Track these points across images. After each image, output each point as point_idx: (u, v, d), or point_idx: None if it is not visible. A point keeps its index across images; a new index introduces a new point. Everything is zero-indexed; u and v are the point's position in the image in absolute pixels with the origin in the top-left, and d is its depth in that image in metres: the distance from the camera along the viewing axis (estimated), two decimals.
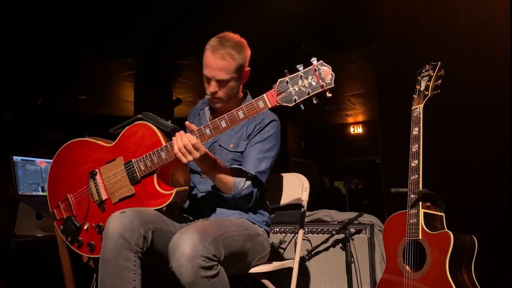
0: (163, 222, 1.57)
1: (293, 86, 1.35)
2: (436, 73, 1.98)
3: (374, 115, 8.98)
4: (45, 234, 1.98)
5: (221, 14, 3.94)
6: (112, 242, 1.41)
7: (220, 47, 1.65)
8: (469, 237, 1.86)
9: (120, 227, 1.42)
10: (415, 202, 1.90)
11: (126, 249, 1.41)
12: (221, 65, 1.65)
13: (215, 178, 1.63)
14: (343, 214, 2.77)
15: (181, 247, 1.34)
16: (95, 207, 1.62)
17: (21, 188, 2.11)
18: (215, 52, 1.66)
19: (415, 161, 1.93)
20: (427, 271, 1.80)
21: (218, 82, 1.68)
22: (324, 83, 1.32)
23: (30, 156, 2.21)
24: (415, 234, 1.86)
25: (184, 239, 1.36)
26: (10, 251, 1.85)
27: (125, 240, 1.41)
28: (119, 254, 1.41)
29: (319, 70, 1.32)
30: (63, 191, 1.67)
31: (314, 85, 1.33)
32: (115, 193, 1.59)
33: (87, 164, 1.66)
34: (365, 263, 2.49)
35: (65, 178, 1.68)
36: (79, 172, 1.66)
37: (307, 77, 1.33)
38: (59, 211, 1.67)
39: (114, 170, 1.61)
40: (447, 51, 2.60)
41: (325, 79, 1.32)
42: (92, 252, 1.59)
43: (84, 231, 1.61)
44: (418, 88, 2.02)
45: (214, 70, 1.66)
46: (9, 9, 3.89)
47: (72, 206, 1.65)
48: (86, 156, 1.67)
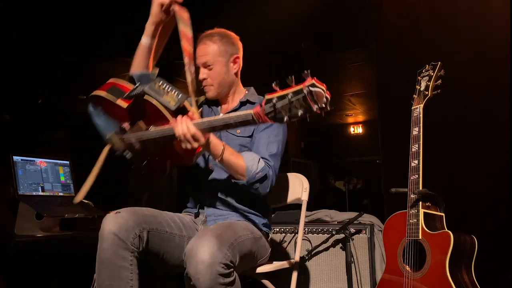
0: (158, 223, 1.57)
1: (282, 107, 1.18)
2: (436, 73, 1.98)
3: (374, 115, 8.97)
4: (45, 234, 1.98)
5: (221, 14, 3.94)
6: (108, 243, 1.42)
7: (204, 36, 1.81)
8: (469, 237, 1.86)
9: (115, 227, 1.43)
10: (415, 202, 1.90)
11: (122, 249, 1.42)
12: (205, 50, 1.78)
13: (225, 164, 1.60)
14: (343, 214, 2.77)
15: (199, 254, 1.32)
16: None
17: (21, 188, 2.11)
18: (199, 43, 1.80)
19: (415, 161, 1.93)
20: (427, 271, 1.80)
21: (205, 67, 1.79)
22: (316, 106, 1.14)
23: (30, 156, 2.21)
24: (415, 234, 1.86)
25: (202, 245, 1.34)
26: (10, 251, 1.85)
27: (120, 240, 1.42)
28: (116, 254, 1.42)
29: (311, 93, 1.13)
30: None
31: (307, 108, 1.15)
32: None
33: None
34: (365, 263, 2.49)
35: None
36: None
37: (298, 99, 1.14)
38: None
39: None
40: (447, 51, 2.59)
41: (319, 102, 1.14)
42: None
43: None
44: (418, 88, 2.03)
45: (200, 57, 1.79)
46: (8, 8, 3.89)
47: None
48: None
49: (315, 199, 2.75)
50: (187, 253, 1.37)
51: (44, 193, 2.21)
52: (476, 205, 2.42)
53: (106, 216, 1.47)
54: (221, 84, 1.81)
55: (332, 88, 1.31)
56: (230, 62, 1.81)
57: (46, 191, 2.23)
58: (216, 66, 1.78)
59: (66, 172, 2.38)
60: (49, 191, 2.25)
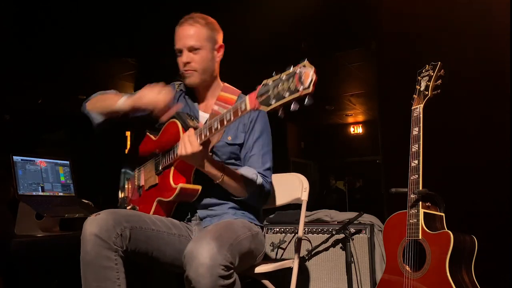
0: (142, 221, 1.55)
1: (273, 89, 1.20)
2: (436, 73, 1.98)
3: (374, 115, 8.97)
4: (45, 234, 1.98)
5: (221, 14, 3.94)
6: (90, 244, 1.41)
7: (188, 18, 1.72)
8: (469, 237, 1.86)
9: (96, 229, 1.41)
10: (415, 202, 1.90)
11: (105, 249, 1.41)
12: (191, 31, 1.69)
13: (226, 183, 1.62)
14: (343, 214, 2.77)
15: (199, 257, 1.31)
16: (136, 191, 1.81)
17: (21, 188, 2.11)
18: (183, 23, 1.71)
19: (415, 161, 1.93)
20: (427, 271, 1.80)
21: (190, 51, 1.69)
22: (302, 87, 1.13)
23: (30, 156, 2.21)
24: (415, 234, 1.86)
25: (201, 248, 1.32)
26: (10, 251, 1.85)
27: (102, 240, 1.40)
28: (99, 255, 1.40)
29: (300, 73, 1.15)
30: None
31: (292, 89, 1.15)
32: (147, 181, 1.75)
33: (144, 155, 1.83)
34: (365, 263, 2.49)
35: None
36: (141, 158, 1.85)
37: (288, 80, 1.17)
38: (122, 192, 1.92)
39: (150, 160, 1.77)
40: (447, 51, 2.59)
41: (304, 82, 1.13)
42: None
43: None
44: (418, 88, 2.03)
45: (184, 38, 1.68)
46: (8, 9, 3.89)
47: (128, 189, 1.88)
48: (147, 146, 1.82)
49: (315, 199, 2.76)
50: (186, 256, 1.35)
51: (44, 193, 2.21)
52: (476, 205, 2.42)
53: (86, 220, 1.46)
54: (205, 71, 1.73)
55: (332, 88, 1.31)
56: (214, 49, 1.75)
57: (46, 191, 2.23)
58: (202, 50, 1.70)
59: (66, 172, 2.38)
60: (49, 191, 2.25)
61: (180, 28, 1.71)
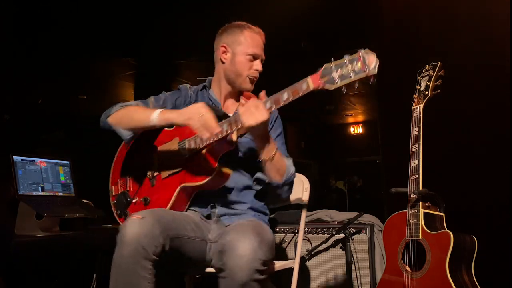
0: (182, 228, 1.53)
1: (337, 71, 1.36)
2: (436, 73, 1.98)
3: (374, 115, 8.97)
4: (45, 234, 1.98)
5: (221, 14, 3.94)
6: (129, 249, 1.34)
7: (257, 29, 1.78)
8: (469, 237, 1.87)
9: (140, 235, 1.35)
10: (415, 202, 1.90)
11: (144, 259, 1.35)
12: (263, 46, 1.78)
13: (274, 161, 1.60)
14: (343, 214, 2.78)
15: (241, 248, 1.31)
16: (147, 183, 1.74)
17: (21, 188, 2.11)
18: (259, 32, 1.77)
19: (415, 161, 1.93)
20: (427, 271, 1.80)
21: (261, 60, 1.77)
22: (368, 69, 1.31)
23: (30, 156, 2.21)
24: (415, 234, 1.86)
25: (243, 240, 1.33)
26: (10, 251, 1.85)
27: (144, 249, 1.34)
28: (137, 263, 1.34)
29: (363, 57, 1.32)
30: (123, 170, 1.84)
31: (358, 71, 1.33)
32: (165, 170, 1.71)
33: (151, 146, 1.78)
34: (365, 263, 2.49)
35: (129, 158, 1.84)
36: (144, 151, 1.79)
37: (352, 63, 1.34)
38: (117, 187, 1.83)
39: (168, 148, 1.72)
40: (447, 51, 2.59)
41: (369, 65, 1.31)
42: None
43: (133, 204, 1.72)
44: (418, 88, 2.03)
45: (261, 48, 1.76)
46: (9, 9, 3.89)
47: (128, 183, 1.79)
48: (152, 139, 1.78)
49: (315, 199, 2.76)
50: (226, 246, 1.34)
51: (44, 193, 2.21)
52: (476, 205, 2.42)
53: (129, 220, 1.39)
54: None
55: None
56: None
57: (46, 191, 2.23)
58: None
59: (66, 172, 2.38)
60: (49, 191, 2.25)
61: (258, 36, 1.77)
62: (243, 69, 1.74)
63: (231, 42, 1.76)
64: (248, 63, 1.74)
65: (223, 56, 1.77)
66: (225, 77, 1.80)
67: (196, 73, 5.72)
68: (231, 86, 1.81)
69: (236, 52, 1.74)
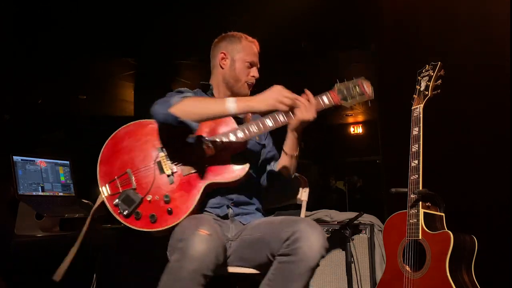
0: (225, 238, 1.63)
1: (347, 91, 1.67)
2: (436, 73, 1.98)
3: (374, 115, 8.97)
4: (45, 234, 1.98)
5: (221, 14, 3.94)
6: (194, 265, 1.36)
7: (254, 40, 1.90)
8: (469, 237, 1.87)
9: (207, 252, 1.38)
10: (415, 202, 1.90)
11: (203, 275, 1.38)
12: (258, 55, 1.89)
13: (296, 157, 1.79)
14: (343, 214, 2.78)
15: (315, 236, 1.44)
16: (163, 180, 1.68)
17: (21, 188, 2.11)
18: (255, 43, 1.89)
19: (415, 161, 1.93)
20: (427, 271, 1.80)
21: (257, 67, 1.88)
22: (368, 94, 1.67)
23: (30, 156, 2.21)
24: (415, 234, 1.86)
25: (314, 229, 1.46)
26: (10, 251, 1.85)
27: (207, 266, 1.37)
28: (196, 279, 1.37)
29: (363, 83, 1.67)
30: (120, 166, 1.71)
31: (361, 93, 1.67)
32: (186, 166, 1.68)
33: (153, 142, 1.72)
34: (365, 263, 2.49)
35: (125, 154, 1.73)
36: (145, 148, 1.72)
37: (355, 87, 1.67)
38: (113, 185, 1.68)
39: (185, 145, 1.70)
40: (447, 51, 2.59)
41: (368, 91, 1.66)
42: (153, 223, 1.61)
43: (147, 203, 1.64)
44: (418, 88, 2.03)
45: (256, 56, 1.88)
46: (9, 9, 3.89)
47: (133, 180, 1.68)
48: (152, 134, 1.74)
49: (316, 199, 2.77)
50: (300, 232, 1.44)
51: (44, 193, 2.22)
52: (476, 205, 2.42)
53: (197, 235, 1.39)
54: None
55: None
56: None
57: (46, 191, 2.23)
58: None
59: (66, 172, 2.38)
60: (49, 191, 2.25)
61: (253, 45, 1.88)
62: (241, 74, 1.85)
63: (230, 50, 1.86)
64: (246, 69, 1.85)
65: (222, 62, 1.86)
66: (224, 82, 1.87)
67: (196, 73, 5.73)
68: (229, 91, 1.88)
69: (235, 59, 1.85)
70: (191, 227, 1.45)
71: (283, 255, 1.47)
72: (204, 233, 1.40)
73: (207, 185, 1.68)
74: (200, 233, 1.40)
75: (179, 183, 1.68)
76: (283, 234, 1.48)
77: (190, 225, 1.49)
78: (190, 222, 1.53)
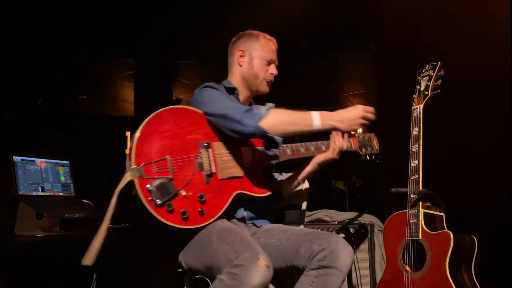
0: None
1: (363, 141, 1.94)
2: (436, 73, 1.98)
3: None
4: (45, 234, 1.98)
5: (221, 14, 3.94)
6: None
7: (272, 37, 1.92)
8: (469, 237, 1.87)
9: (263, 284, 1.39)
10: (415, 202, 1.90)
11: None
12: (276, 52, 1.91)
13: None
14: (343, 214, 2.78)
15: (348, 249, 1.56)
16: (200, 177, 1.62)
17: (21, 188, 2.11)
18: (273, 41, 1.92)
19: (415, 161, 1.93)
20: (427, 271, 1.80)
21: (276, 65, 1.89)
22: (376, 149, 1.93)
23: (30, 156, 2.21)
24: (415, 234, 1.86)
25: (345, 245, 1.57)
26: (10, 251, 1.85)
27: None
28: None
29: (374, 139, 1.94)
30: (160, 150, 1.59)
31: (372, 146, 1.93)
32: (224, 171, 1.66)
33: (197, 135, 1.67)
34: (365, 263, 2.49)
35: (166, 139, 1.61)
36: (188, 139, 1.65)
37: (369, 140, 1.94)
38: (148, 169, 1.55)
39: (227, 149, 1.69)
40: (447, 51, 2.59)
41: (377, 146, 1.94)
42: (185, 221, 1.56)
43: (182, 197, 1.57)
44: (418, 88, 2.03)
45: (275, 54, 1.89)
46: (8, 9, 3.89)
47: (172, 169, 1.58)
48: (196, 126, 1.67)
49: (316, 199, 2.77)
50: (340, 243, 1.55)
51: (44, 193, 2.22)
52: (476, 205, 2.42)
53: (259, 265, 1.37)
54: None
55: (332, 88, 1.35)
56: None
57: (46, 191, 2.23)
58: None
59: (66, 172, 2.38)
60: (49, 191, 2.25)
61: (271, 42, 1.90)
62: (260, 72, 1.84)
63: (248, 47, 1.86)
64: (265, 67, 1.85)
65: (240, 60, 1.86)
66: (243, 80, 1.87)
67: (196, 73, 5.72)
68: (249, 91, 1.88)
69: (254, 56, 1.85)
70: (249, 250, 1.42)
71: (320, 267, 1.52)
72: (263, 264, 1.38)
73: (238, 194, 1.67)
74: (260, 263, 1.38)
75: (214, 185, 1.64)
76: (315, 247, 1.54)
77: (244, 245, 1.45)
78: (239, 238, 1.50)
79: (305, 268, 1.56)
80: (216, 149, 1.67)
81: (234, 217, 1.74)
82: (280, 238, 1.67)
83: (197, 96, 1.75)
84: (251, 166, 1.71)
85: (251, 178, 1.71)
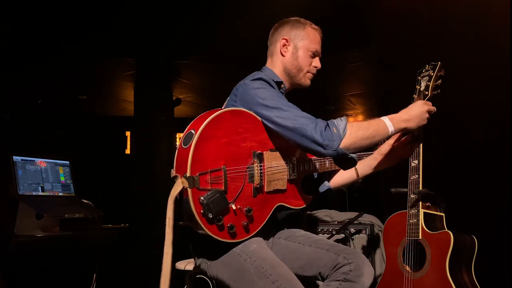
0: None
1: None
2: (436, 73, 1.98)
3: (374, 115, 8.96)
4: (45, 234, 1.98)
5: (221, 14, 3.94)
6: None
7: (318, 27, 1.82)
8: (469, 237, 1.86)
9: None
10: (415, 202, 1.90)
11: None
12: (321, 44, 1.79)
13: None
14: (343, 214, 2.77)
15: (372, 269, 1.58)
16: (248, 190, 1.51)
17: (21, 188, 2.11)
18: (320, 31, 1.81)
19: (415, 161, 1.93)
20: (427, 271, 1.80)
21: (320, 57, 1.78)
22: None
23: (30, 156, 2.21)
24: (415, 234, 1.86)
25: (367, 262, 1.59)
26: (10, 251, 1.85)
27: None
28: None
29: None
30: (217, 158, 1.45)
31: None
32: (271, 183, 1.56)
33: (251, 142, 1.53)
34: None
35: (223, 145, 1.47)
36: (242, 147, 1.51)
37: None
38: (204, 179, 1.41)
39: (276, 161, 1.58)
40: (447, 51, 2.59)
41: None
42: (231, 235, 1.45)
43: (232, 212, 1.45)
44: (418, 88, 2.02)
45: (320, 46, 1.78)
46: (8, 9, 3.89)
47: (226, 181, 1.45)
48: (252, 132, 1.54)
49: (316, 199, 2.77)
50: (366, 262, 1.57)
51: (44, 193, 2.22)
52: (476, 205, 2.42)
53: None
54: None
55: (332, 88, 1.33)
56: None
57: (46, 191, 2.23)
58: None
59: (66, 172, 2.38)
60: (49, 191, 2.25)
61: (317, 32, 1.80)
62: (304, 63, 1.72)
63: (293, 36, 1.73)
64: (309, 59, 1.74)
65: (284, 49, 1.73)
66: (285, 72, 1.74)
67: (196, 73, 5.73)
68: (289, 82, 1.76)
69: (298, 47, 1.72)
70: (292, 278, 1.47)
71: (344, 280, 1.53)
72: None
73: (278, 207, 1.61)
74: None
75: (260, 198, 1.54)
76: (340, 259, 1.55)
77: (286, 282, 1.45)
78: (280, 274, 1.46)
79: (323, 276, 1.58)
80: (267, 159, 1.55)
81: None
82: (300, 241, 1.65)
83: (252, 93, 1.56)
84: (295, 178, 1.65)
85: (292, 190, 1.65)
